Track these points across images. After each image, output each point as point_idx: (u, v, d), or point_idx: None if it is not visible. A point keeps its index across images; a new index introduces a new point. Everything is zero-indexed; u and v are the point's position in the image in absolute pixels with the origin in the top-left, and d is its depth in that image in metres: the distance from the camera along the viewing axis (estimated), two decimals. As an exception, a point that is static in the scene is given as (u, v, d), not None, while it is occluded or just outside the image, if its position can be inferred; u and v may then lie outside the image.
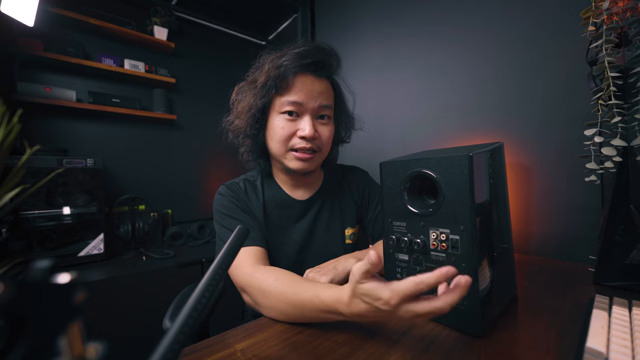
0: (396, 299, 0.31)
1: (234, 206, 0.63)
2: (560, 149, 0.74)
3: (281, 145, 0.61)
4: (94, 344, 0.17)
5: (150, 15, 1.67)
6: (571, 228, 0.73)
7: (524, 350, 0.36)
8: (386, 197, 0.47)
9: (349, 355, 0.36)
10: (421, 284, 0.30)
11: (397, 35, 1.17)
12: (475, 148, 0.43)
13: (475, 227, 0.38)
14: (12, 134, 0.84)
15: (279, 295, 0.45)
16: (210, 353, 0.37)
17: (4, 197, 0.81)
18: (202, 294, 0.23)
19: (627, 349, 0.31)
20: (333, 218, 0.71)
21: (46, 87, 1.37)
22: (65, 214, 1.28)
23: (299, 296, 0.43)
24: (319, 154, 0.63)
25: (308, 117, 0.59)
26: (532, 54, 0.80)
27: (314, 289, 0.42)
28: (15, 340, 0.14)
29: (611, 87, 0.50)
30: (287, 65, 0.57)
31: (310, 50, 0.59)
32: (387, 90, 1.21)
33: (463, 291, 0.30)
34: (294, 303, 0.43)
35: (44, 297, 0.15)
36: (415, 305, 0.31)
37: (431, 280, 0.30)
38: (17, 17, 1.09)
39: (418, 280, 0.30)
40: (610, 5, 0.51)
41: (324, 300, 0.39)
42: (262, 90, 0.59)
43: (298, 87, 0.59)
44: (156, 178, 1.76)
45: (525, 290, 0.53)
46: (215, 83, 2.00)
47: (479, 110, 0.91)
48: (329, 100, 0.62)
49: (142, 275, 1.25)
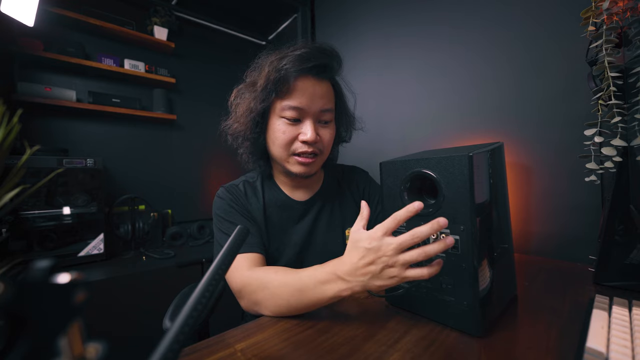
0: (379, 231, 0.38)
1: (233, 210, 0.63)
2: (560, 149, 0.74)
3: (283, 150, 0.60)
4: (94, 344, 0.17)
5: (150, 15, 1.67)
6: (571, 228, 0.73)
7: (524, 350, 0.36)
8: (386, 197, 0.47)
9: (349, 355, 0.36)
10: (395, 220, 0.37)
11: (397, 35, 1.17)
12: (475, 148, 0.43)
13: (475, 227, 0.38)
14: (12, 134, 0.84)
15: (279, 282, 0.46)
16: (210, 353, 0.37)
17: (4, 197, 0.81)
18: (202, 294, 0.23)
19: (627, 349, 0.31)
20: (333, 219, 0.71)
21: (46, 87, 1.37)
22: (65, 214, 1.28)
23: (300, 276, 0.45)
24: (320, 157, 0.63)
25: (309, 122, 0.58)
26: (532, 54, 0.80)
27: (315, 267, 0.45)
28: (15, 340, 0.14)
29: (611, 87, 0.50)
30: (287, 68, 0.56)
31: (311, 52, 0.57)
32: (387, 90, 1.21)
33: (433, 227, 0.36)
34: (294, 284, 0.44)
35: (44, 297, 0.15)
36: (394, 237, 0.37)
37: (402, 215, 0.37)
38: (17, 17, 1.09)
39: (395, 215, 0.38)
40: (610, 5, 0.51)
41: (324, 269, 0.42)
42: (262, 93, 0.58)
43: (299, 92, 0.57)
44: (156, 178, 1.76)
45: (525, 290, 0.53)
46: (215, 83, 2.00)
47: (479, 110, 0.91)
48: (330, 103, 0.62)
49: (142, 275, 1.25)
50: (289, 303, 0.45)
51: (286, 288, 0.45)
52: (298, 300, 0.44)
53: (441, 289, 0.41)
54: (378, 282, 0.38)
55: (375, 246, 0.38)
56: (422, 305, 0.44)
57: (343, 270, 0.40)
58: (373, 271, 0.38)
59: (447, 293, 0.41)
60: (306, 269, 0.46)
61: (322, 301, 0.42)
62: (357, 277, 0.39)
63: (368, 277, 0.38)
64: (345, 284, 0.40)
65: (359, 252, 0.39)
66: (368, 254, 0.38)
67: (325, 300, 0.42)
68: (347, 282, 0.40)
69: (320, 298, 0.42)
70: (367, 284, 0.39)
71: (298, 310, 0.45)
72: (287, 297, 0.45)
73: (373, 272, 0.38)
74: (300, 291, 0.43)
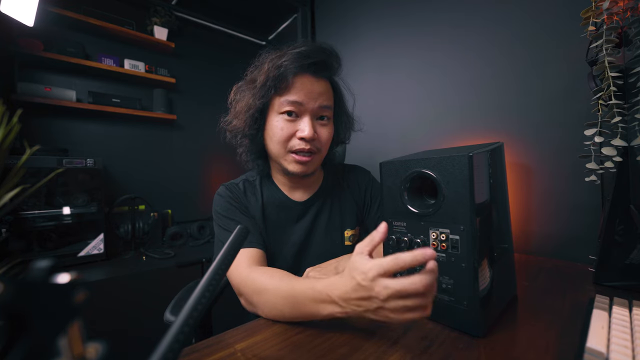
0: (374, 271, 0.33)
1: (232, 208, 0.63)
2: (560, 149, 0.74)
3: (280, 146, 0.60)
4: (94, 344, 0.17)
5: (150, 15, 1.67)
6: (571, 228, 0.73)
7: (524, 350, 0.36)
8: (386, 197, 0.47)
9: (349, 355, 0.36)
10: (399, 260, 0.32)
11: (397, 35, 1.17)
12: (475, 148, 0.43)
13: (475, 227, 0.38)
14: (12, 134, 0.84)
15: (273, 290, 0.45)
16: (210, 353, 0.37)
17: (4, 197, 0.81)
18: (203, 293, 0.23)
19: (627, 349, 0.31)
20: (332, 219, 0.71)
21: (46, 87, 1.37)
22: (65, 214, 1.28)
23: (295, 288, 0.43)
24: (317, 155, 0.63)
25: (307, 118, 0.59)
26: (532, 54, 0.80)
27: (310, 282, 0.42)
28: (15, 340, 0.14)
29: (611, 87, 0.50)
30: (286, 65, 0.56)
31: (310, 50, 0.58)
32: (387, 90, 1.21)
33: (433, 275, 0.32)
34: (288, 297, 0.43)
35: (44, 297, 0.15)
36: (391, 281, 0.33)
37: (408, 258, 0.32)
38: (17, 17, 1.09)
39: (397, 257, 0.33)
40: (611, 5, 0.51)
41: (318, 287, 0.40)
42: (261, 90, 0.59)
43: (298, 87, 0.58)
44: (156, 178, 1.76)
45: (525, 290, 0.53)
46: (215, 83, 2.00)
47: (479, 110, 0.91)
48: (328, 101, 0.62)
49: (142, 275, 1.25)
50: (283, 313, 0.44)
51: (280, 299, 0.44)
52: (292, 312, 0.43)
53: (441, 289, 0.41)
54: (371, 315, 0.35)
55: (367, 286, 0.34)
56: (422, 305, 0.44)
57: (336, 294, 0.37)
58: (367, 307, 0.35)
59: (447, 293, 0.41)
60: (300, 281, 0.44)
61: (317, 317, 0.41)
62: (350, 306, 0.36)
63: (362, 310, 0.35)
64: (340, 308, 0.37)
65: (352, 283, 0.35)
66: (361, 290, 0.34)
67: (320, 317, 0.40)
68: (341, 307, 0.37)
69: (315, 314, 0.40)
70: (361, 314, 0.36)
71: (293, 319, 0.44)
72: (280, 307, 0.44)
73: (367, 307, 0.35)
74: (293, 305, 0.42)
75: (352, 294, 0.35)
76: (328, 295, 0.38)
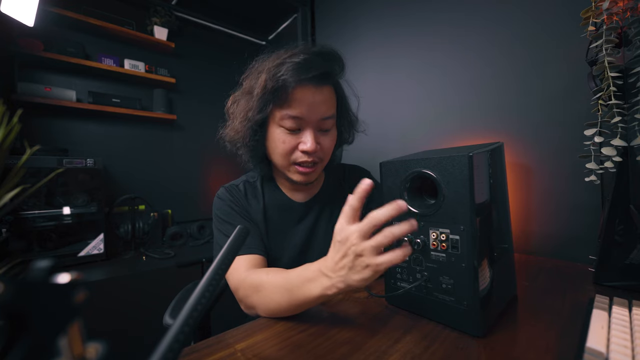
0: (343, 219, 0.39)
1: (232, 212, 0.63)
2: (560, 149, 0.74)
3: (283, 159, 0.59)
4: (94, 344, 0.17)
5: (150, 15, 1.67)
6: (571, 228, 0.73)
7: (524, 350, 0.36)
8: (386, 197, 0.47)
9: (349, 355, 0.36)
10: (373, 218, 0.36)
11: (397, 35, 1.17)
12: (475, 148, 0.43)
13: (475, 227, 0.38)
14: (12, 134, 0.84)
15: (270, 284, 0.46)
16: (210, 353, 0.37)
17: (4, 197, 0.81)
18: (202, 293, 0.23)
19: (627, 349, 0.31)
20: (334, 220, 0.70)
21: (46, 87, 1.37)
22: (65, 214, 1.28)
23: (290, 274, 0.45)
24: (320, 164, 0.62)
25: (310, 131, 0.57)
26: (532, 54, 0.80)
27: (306, 265, 0.44)
28: (15, 340, 0.14)
29: (611, 87, 0.50)
30: (285, 79, 0.53)
31: (310, 60, 0.54)
32: (387, 90, 1.21)
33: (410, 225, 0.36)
34: (284, 284, 0.44)
35: (44, 297, 0.15)
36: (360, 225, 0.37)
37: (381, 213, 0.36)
38: (17, 17, 1.09)
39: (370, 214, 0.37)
40: (610, 5, 0.51)
41: (312, 267, 0.42)
42: (260, 102, 0.56)
43: (298, 100, 0.54)
44: (156, 178, 1.76)
45: (525, 290, 0.53)
46: (215, 83, 2.00)
47: (479, 110, 0.91)
48: (331, 109, 0.59)
49: (142, 275, 1.25)
50: (280, 304, 0.44)
51: (276, 289, 0.45)
52: (287, 301, 0.43)
53: (441, 289, 0.41)
54: (355, 275, 0.37)
55: (343, 237, 0.38)
56: (422, 305, 0.44)
57: (325, 266, 0.40)
58: (347, 264, 0.37)
59: (447, 293, 0.41)
60: (297, 268, 0.45)
61: (309, 300, 0.41)
62: (336, 272, 0.38)
63: (345, 271, 0.37)
64: (328, 281, 0.39)
65: (334, 246, 0.39)
66: (340, 247, 0.38)
67: (312, 300, 0.41)
68: (330, 278, 0.39)
69: (307, 297, 0.41)
70: (346, 279, 0.38)
71: (288, 311, 0.44)
72: (277, 298, 0.44)
73: (347, 264, 0.37)
74: (289, 291, 0.43)
75: (336, 256, 0.38)
76: (319, 271, 0.40)
